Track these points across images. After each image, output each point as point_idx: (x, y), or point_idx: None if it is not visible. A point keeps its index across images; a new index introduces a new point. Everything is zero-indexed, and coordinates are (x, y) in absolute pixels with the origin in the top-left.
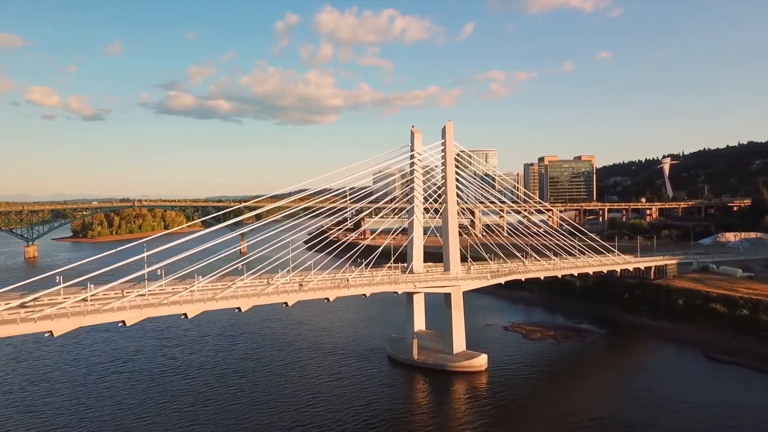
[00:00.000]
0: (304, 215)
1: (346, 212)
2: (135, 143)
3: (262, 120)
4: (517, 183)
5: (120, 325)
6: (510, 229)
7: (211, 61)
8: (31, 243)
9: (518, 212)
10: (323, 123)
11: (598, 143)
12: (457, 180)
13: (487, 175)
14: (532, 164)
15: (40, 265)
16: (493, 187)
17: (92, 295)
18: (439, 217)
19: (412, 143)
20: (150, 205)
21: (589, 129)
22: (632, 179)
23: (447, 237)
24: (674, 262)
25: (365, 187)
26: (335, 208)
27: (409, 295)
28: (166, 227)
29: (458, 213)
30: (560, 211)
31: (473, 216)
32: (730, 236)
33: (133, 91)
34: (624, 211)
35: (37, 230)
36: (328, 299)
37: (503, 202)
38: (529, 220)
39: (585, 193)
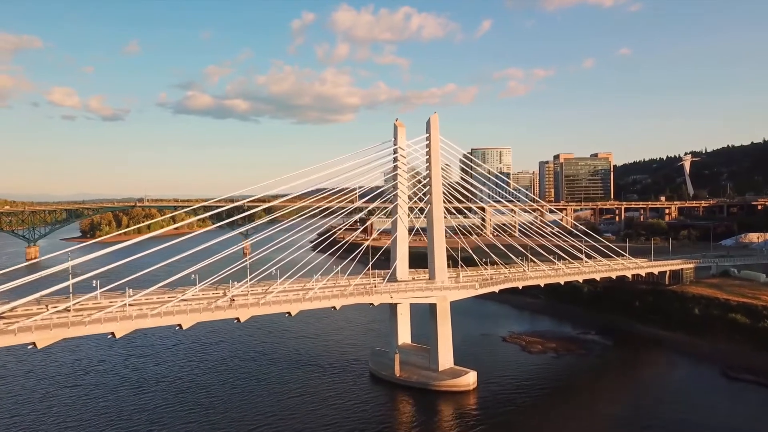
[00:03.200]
0: (298, 214)
1: (346, 210)
2: (153, 143)
3: (280, 119)
4: (533, 181)
5: (30, 347)
6: (519, 230)
7: (227, 60)
8: (32, 244)
9: (513, 212)
10: (340, 122)
11: (617, 141)
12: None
13: (489, 173)
14: (547, 162)
15: (37, 266)
16: (502, 186)
17: (10, 310)
18: (424, 217)
19: (396, 138)
20: (154, 205)
21: (608, 126)
22: (652, 177)
23: (432, 241)
24: (691, 266)
25: (372, 187)
26: (328, 207)
27: (393, 305)
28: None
29: (455, 212)
30: (574, 210)
31: (483, 216)
32: (754, 237)
33: (152, 91)
34: (641, 210)
35: (39, 231)
36: (289, 313)
37: (498, 202)
38: (542, 220)
39: (602, 192)
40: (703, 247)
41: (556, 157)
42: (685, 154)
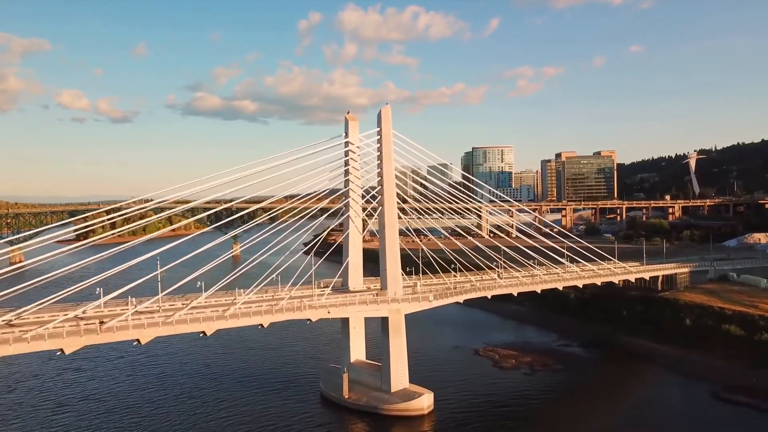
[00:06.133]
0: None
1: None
2: (162, 145)
3: (288, 120)
4: (535, 180)
5: None
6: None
7: (235, 62)
8: (14, 247)
9: (509, 213)
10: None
11: (626, 139)
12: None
13: (475, 175)
14: (549, 161)
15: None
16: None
17: None
18: (375, 218)
19: (347, 132)
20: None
21: (617, 124)
22: (660, 176)
23: (384, 247)
24: (685, 270)
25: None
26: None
27: (345, 318)
28: (172, 229)
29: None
30: (574, 210)
31: (480, 217)
32: (759, 237)
33: (160, 93)
34: (644, 210)
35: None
36: (204, 333)
37: (480, 203)
38: (540, 221)
39: (605, 191)
40: (705, 249)
41: (558, 155)
42: (693, 151)
